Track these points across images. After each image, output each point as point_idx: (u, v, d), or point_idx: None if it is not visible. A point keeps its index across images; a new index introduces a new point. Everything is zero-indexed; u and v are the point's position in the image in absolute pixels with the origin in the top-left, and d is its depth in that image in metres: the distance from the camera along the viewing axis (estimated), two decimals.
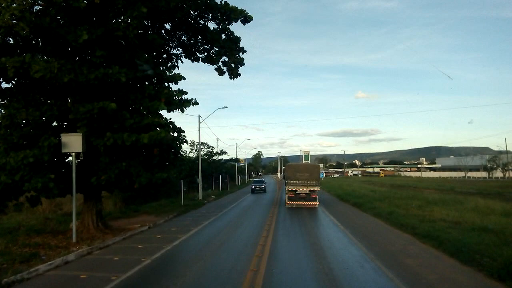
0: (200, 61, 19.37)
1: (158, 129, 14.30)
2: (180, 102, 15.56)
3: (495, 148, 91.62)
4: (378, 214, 18.91)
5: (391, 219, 16.92)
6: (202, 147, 59.38)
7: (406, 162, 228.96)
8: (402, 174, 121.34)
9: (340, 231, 14.81)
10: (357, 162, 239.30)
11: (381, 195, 28.39)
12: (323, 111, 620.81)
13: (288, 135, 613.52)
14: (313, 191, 23.70)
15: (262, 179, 48.29)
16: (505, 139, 69.84)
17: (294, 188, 23.90)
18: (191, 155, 56.93)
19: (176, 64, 19.37)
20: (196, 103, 18.68)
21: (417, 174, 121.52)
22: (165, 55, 18.78)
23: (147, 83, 15.24)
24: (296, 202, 23.96)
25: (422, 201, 23.60)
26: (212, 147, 60.07)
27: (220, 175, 46.76)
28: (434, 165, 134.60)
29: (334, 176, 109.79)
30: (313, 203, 23.65)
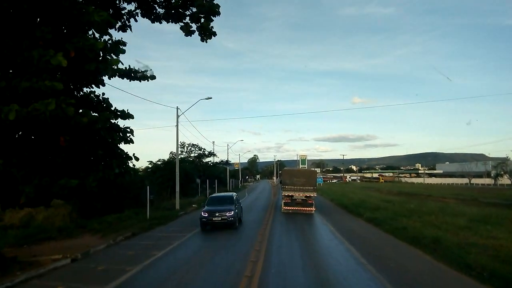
0: (163, 22, 13.48)
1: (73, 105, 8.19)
2: (107, 63, 9.36)
3: (499, 155, 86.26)
4: (416, 242, 12.62)
5: (444, 253, 10.67)
6: (192, 149, 53.30)
7: (402, 168, 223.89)
8: (403, 180, 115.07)
9: (376, 283, 8.52)
10: (354, 167, 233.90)
11: (402, 208, 22.17)
12: (319, 116, 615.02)
13: (284, 140, 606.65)
14: (310, 196, 22.97)
15: (232, 194, 20.54)
16: None
17: (290, 193, 23.14)
18: (180, 157, 50.73)
19: (128, 23, 13.47)
20: (152, 77, 12.73)
21: (419, 180, 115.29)
22: (111, 10, 12.74)
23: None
24: (293, 208, 23.11)
25: (463, 217, 17.46)
26: (204, 149, 54.02)
27: (208, 179, 40.43)
28: (434, 171, 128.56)
29: (333, 181, 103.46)
30: (309, 208, 22.83)
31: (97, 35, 9.75)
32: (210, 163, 51.10)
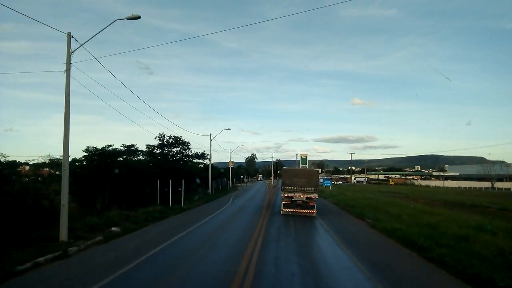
0: None
1: None
2: None
3: (499, 158, 74.18)
4: None
5: None
6: (173, 142, 39.42)
7: (405, 170, 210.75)
8: (417, 183, 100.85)
9: None
10: (353, 168, 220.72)
11: None
12: (319, 116, 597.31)
13: (283, 140, 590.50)
14: (311, 198, 20.71)
15: None
16: None
17: (290, 194, 21.06)
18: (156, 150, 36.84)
19: None
20: None
21: (434, 182, 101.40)
22: None
23: None
24: (292, 210, 20.97)
25: None
26: (188, 142, 40.11)
27: (172, 179, 26.63)
28: (450, 173, 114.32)
29: (338, 183, 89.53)
30: (310, 211, 20.57)
31: None
32: (182, 158, 36.92)
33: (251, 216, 20.97)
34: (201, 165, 49.09)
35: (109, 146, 25.11)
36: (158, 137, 39.16)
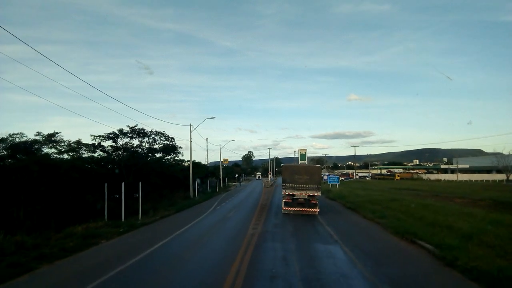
0: None
1: None
2: None
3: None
4: None
5: None
6: (156, 138, 31.65)
7: (406, 163, 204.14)
8: (424, 177, 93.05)
9: None
10: (353, 164, 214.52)
11: None
12: (316, 113, 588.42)
13: (281, 137, 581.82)
14: (313, 196, 19.58)
15: None
16: None
17: (291, 192, 19.87)
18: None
19: None
20: None
21: (444, 176, 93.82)
22: None
23: None
24: (294, 208, 19.90)
25: None
26: (172, 138, 32.56)
27: (123, 183, 18.81)
28: (461, 166, 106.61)
29: (341, 179, 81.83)
30: (313, 209, 19.45)
31: None
32: (141, 150, 28.80)
33: (232, 238, 13.19)
34: (185, 163, 41.46)
35: (21, 136, 17.19)
36: (140, 128, 31.57)
